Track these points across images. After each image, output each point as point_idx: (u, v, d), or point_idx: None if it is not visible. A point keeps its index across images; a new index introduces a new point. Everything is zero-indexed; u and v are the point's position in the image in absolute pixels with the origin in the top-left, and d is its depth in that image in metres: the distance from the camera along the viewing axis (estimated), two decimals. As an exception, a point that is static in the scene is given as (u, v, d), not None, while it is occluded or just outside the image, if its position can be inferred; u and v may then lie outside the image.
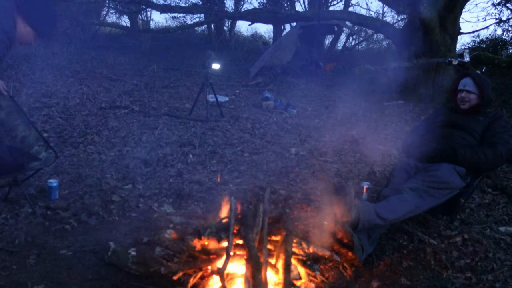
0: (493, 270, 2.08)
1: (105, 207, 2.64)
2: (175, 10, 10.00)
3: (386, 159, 4.08)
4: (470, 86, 2.67)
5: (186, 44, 13.87)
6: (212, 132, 4.73)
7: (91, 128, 4.50)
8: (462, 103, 2.71)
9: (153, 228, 2.44)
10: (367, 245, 2.11)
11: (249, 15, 10.03)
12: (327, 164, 3.78)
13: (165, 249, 1.96)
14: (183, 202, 2.85)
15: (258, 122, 5.44)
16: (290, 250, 1.76)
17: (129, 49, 11.51)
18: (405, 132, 5.20)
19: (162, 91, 7.12)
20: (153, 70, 8.89)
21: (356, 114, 6.39)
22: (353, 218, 2.04)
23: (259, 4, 13.71)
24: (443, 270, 2.11)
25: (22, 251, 2.08)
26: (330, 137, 4.93)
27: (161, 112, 5.52)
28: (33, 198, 2.67)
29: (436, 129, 2.76)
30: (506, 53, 10.93)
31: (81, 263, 1.98)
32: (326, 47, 13.51)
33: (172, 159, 3.67)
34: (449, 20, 7.27)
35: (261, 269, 1.55)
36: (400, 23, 12.04)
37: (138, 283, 1.85)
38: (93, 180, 3.09)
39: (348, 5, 14.02)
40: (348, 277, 2.02)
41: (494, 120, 2.61)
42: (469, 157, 2.43)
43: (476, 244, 2.31)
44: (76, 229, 2.36)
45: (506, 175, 3.55)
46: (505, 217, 2.73)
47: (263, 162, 3.75)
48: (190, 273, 1.72)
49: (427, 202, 2.26)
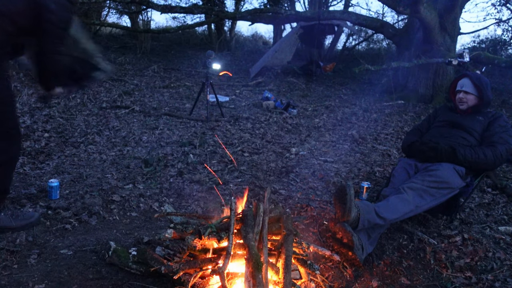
0: (492, 269, 2.09)
1: (106, 207, 2.65)
2: (175, 10, 9.99)
3: (386, 159, 4.09)
4: (468, 87, 2.68)
5: (187, 44, 13.89)
6: (212, 132, 4.74)
7: (91, 128, 4.51)
8: (460, 104, 2.72)
9: (154, 228, 2.45)
10: (367, 245, 2.12)
11: (249, 15, 10.03)
12: (327, 164, 3.78)
13: (165, 249, 1.97)
14: (183, 202, 2.86)
15: (258, 122, 5.45)
16: (290, 250, 1.76)
17: (130, 49, 11.52)
18: (405, 132, 5.21)
19: (162, 91, 7.13)
20: (154, 70, 8.90)
21: (356, 114, 6.40)
22: (353, 217, 2.05)
23: (259, 4, 13.73)
24: (443, 269, 2.11)
25: (23, 250, 2.08)
26: (330, 137, 4.93)
27: (161, 112, 5.53)
28: (34, 198, 2.68)
29: (436, 129, 2.77)
30: (506, 53, 10.94)
31: (81, 263, 1.98)
32: (326, 47, 13.52)
33: (173, 159, 3.68)
34: (449, 20, 7.28)
35: (261, 268, 1.56)
36: (400, 23, 12.06)
37: (138, 282, 1.86)
38: (93, 180, 3.10)
39: (348, 5, 14.03)
40: (348, 276, 2.03)
41: (494, 120, 2.62)
42: (469, 157, 2.44)
43: (476, 243, 2.32)
44: (76, 229, 2.37)
45: (505, 175, 3.56)
46: (505, 217, 2.74)
47: (263, 162, 3.75)
48: (191, 272, 1.72)
49: (427, 202, 2.27)
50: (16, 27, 1.95)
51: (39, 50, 2.06)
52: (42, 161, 3.46)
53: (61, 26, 2.04)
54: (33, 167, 3.30)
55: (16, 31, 1.96)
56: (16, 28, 1.95)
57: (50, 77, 2.20)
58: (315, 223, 2.55)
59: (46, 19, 1.97)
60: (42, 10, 1.95)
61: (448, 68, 7.41)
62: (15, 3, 1.92)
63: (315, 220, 2.58)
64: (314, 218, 2.60)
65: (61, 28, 2.05)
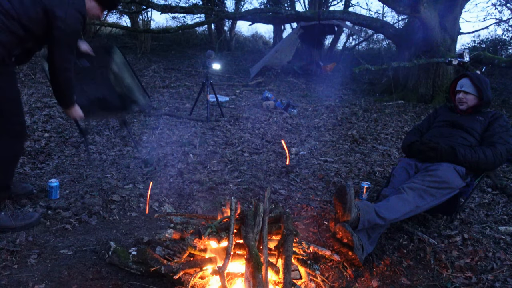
0: (493, 269, 2.09)
1: (106, 207, 2.64)
2: (175, 10, 9.99)
3: (386, 159, 4.09)
4: (468, 87, 2.68)
5: (187, 44, 13.89)
6: (212, 132, 4.74)
7: (91, 128, 4.51)
8: (460, 104, 2.72)
9: (154, 228, 2.45)
10: (367, 245, 2.12)
11: (249, 15, 10.03)
12: (327, 164, 3.78)
13: (165, 249, 1.96)
14: (183, 202, 2.86)
15: (258, 122, 5.45)
16: (290, 250, 1.76)
17: (130, 49, 11.52)
18: (405, 132, 5.21)
19: (162, 91, 7.13)
20: (154, 70, 8.90)
21: (356, 114, 6.40)
22: (353, 217, 2.05)
23: (260, 4, 13.73)
24: (443, 269, 2.11)
25: (23, 250, 2.08)
26: (330, 137, 4.93)
27: (161, 112, 5.53)
28: (34, 197, 2.68)
29: (436, 129, 2.77)
30: (506, 53, 10.94)
31: (81, 263, 1.98)
32: (326, 47, 13.53)
33: (173, 158, 3.68)
34: (449, 20, 7.28)
35: (261, 268, 1.56)
36: (400, 23, 12.06)
37: (138, 282, 1.86)
38: (93, 179, 3.10)
39: (348, 5, 14.03)
40: (348, 276, 2.03)
41: (494, 120, 2.61)
42: (469, 156, 2.44)
43: (476, 243, 2.31)
44: (76, 229, 2.37)
45: (505, 175, 3.56)
46: (505, 217, 2.74)
47: (263, 162, 3.75)
48: (191, 272, 1.72)
49: (427, 202, 2.27)
50: (26, 32, 2.05)
51: (50, 60, 2.15)
52: (42, 161, 3.46)
53: (69, 33, 2.13)
54: (33, 167, 3.30)
55: (26, 35, 2.06)
56: (26, 32, 2.05)
57: (62, 94, 2.30)
58: (315, 223, 2.55)
59: (55, 26, 2.07)
60: (52, 17, 2.05)
61: (448, 68, 7.41)
62: (26, 10, 2.01)
63: (315, 220, 2.58)
64: (314, 218, 2.60)
65: (70, 35, 2.14)
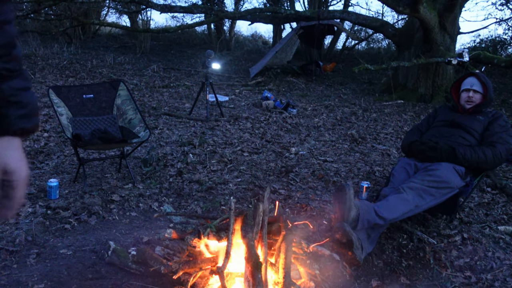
0: (492, 269, 2.09)
1: (105, 207, 2.64)
2: (175, 10, 10.01)
3: (386, 158, 4.09)
4: (477, 85, 2.68)
5: (186, 44, 13.89)
6: (212, 132, 4.73)
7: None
8: (468, 103, 2.71)
9: (153, 228, 2.44)
10: (366, 244, 2.12)
11: (249, 15, 10.03)
12: (327, 164, 3.78)
13: (165, 249, 1.96)
14: (183, 202, 2.86)
15: (258, 121, 5.45)
16: (290, 249, 1.76)
17: (129, 49, 11.52)
18: (404, 132, 5.21)
19: (162, 91, 7.13)
20: (153, 70, 8.90)
21: (356, 113, 6.40)
22: (352, 217, 2.05)
23: (259, 4, 13.72)
24: (443, 269, 2.11)
25: (23, 250, 2.08)
26: (330, 136, 4.93)
27: (161, 111, 5.52)
28: (34, 197, 2.68)
29: (435, 129, 2.77)
30: (505, 53, 10.94)
31: (81, 263, 1.98)
32: (326, 47, 13.53)
33: (172, 158, 3.67)
34: (448, 19, 7.28)
35: (260, 268, 1.56)
36: (400, 23, 12.06)
37: (138, 282, 1.85)
38: (93, 179, 3.10)
39: (348, 5, 14.02)
40: (348, 276, 2.03)
41: (494, 120, 2.62)
42: (469, 156, 2.44)
43: (476, 243, 2.32)
44: (76, 229, 2.37)
45: (505, 175, 3.56)
46: (504, 216, 2.74)
47: (263, 161, 3.75)
48: (190, 272, 1.72)
49: (426, 202, 2.27)
50: None
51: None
52: (41, 161, 3.45)
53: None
54: (33, 167, 3.30)
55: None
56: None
57: None
58: (315, 223, 2.55)
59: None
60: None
61: (448, 68, 7.41)
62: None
63: (315, 220, 2.58)
64: (314, 218, 2.60)
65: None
